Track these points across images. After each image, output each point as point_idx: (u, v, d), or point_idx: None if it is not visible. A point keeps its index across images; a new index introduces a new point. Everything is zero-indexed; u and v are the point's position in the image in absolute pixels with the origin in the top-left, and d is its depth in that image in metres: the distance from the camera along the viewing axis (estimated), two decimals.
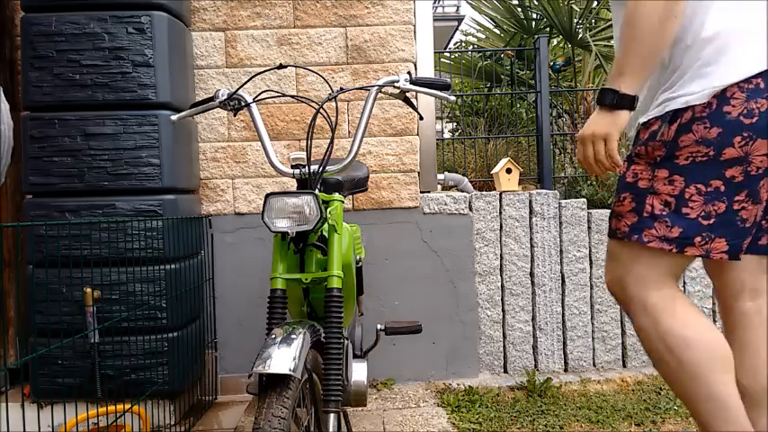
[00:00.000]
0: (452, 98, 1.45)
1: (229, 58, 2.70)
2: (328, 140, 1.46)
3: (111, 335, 2.17)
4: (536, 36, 3.48)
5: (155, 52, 2.29)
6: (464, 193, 2.81)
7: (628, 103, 1.28)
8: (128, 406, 2.04)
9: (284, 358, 1.16)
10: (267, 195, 1.34)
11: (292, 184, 2.74)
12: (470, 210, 2.79)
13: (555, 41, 5.19)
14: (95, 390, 2.16)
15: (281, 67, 1.56)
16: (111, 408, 2.12)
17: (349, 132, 2.74)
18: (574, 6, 4.19)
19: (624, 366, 2.87)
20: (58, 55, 2.27)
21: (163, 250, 2.25)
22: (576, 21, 4.18)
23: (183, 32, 2.54)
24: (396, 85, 1.47)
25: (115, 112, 2.28)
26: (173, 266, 2.30)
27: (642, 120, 1.40)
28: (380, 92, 1.52)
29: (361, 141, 1.48)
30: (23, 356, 2.31)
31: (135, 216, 2.25)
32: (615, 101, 1.28)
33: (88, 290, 2.10)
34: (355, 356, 1.84)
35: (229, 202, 2.72)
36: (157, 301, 2.24)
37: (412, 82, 1.47)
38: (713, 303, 2.91)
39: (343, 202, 1.52)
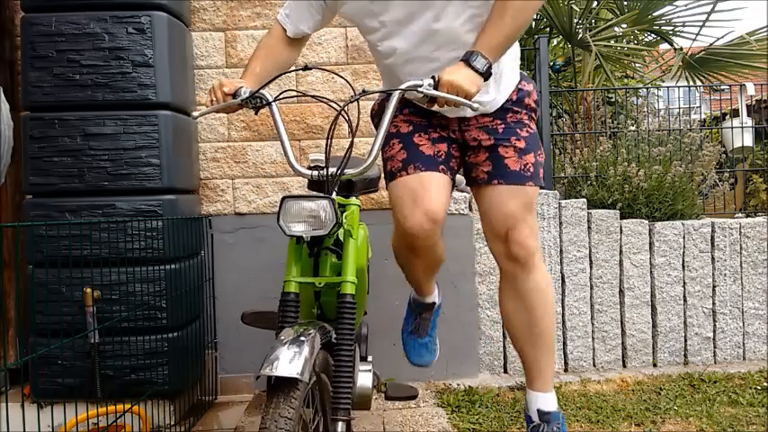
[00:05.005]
0: (476, 105, 1.40)
1: (229, 59, 2.70)
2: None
3: (111, 335, 2.17)
4: (536, 36, 3.48)
5: (155, 52, 2.29)
6: (464, 194, 2.80)
7: (489, 76, 1.48)
8: (128, 406, 2.04)
9: (292, 361, 1.15)
10: (283, 198, 1.32)
11: (295, 186, 2.74)
12: (470, 210, 2.79)
13: (555, 41, 5.18)
14: (95, 390, 2.16)
15: (306, 68, 1.52)
16: (111, 408, 2.12)
17: (349, 133, 2.73)
18: (574, 6, 4.18)
19: (624, 366, 2.87)
20: (58, 55, 2.26)
21: (163, 250, 2.25)
22: (575, 21, 4.17)
23: (183, 32, 2.54)
24: (419, 90, 1.41)
25: (115, 112, 2.28)
26: (173, 266, 2.30)
27: (512, 87, 1.73)
28: (403, 96, 1.46)
29: (381, 145, 1.44)
30: (23, 356, 2.31)
31: (135, 216, 2.25)
32: (485, 70, 1.45)
33: (88, 290, 2.10)
34: (361, 359, 1.84)
35: (229, 203, 2.71)
36: (157, 301, 2.24)
37: (436, 87, 1.40)
38: (713, 304, 2.91)
39: (359, 206, 1.49)
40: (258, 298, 2.66)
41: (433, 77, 1.41)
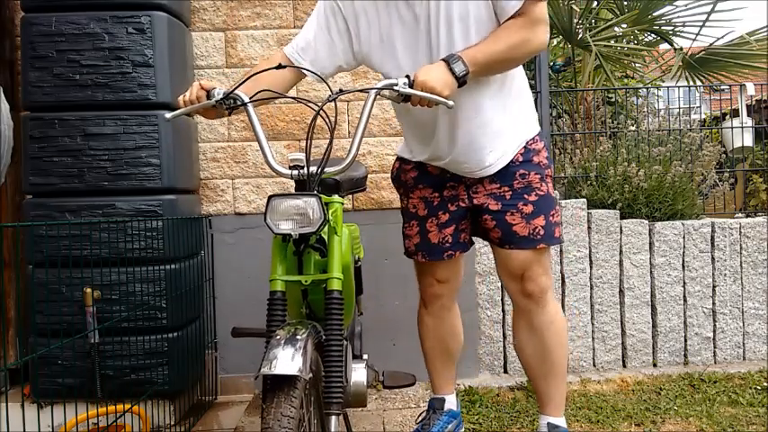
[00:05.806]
0: (451, 103, 1.43)
1: (229, 59, 2.70)
2: (328, 141, 1.44)
3: (111, 335, 2.17)
4: None
5: (155, 52, 2.29)
6: None
7: (465, 83, 1.51)
8: (128, 406, 2.04)
9: (290, 359, 1.16)
10: (270, 197, 1.33)
11: (292, 185, 2.74)
12: None
13: (555, 41, 5.18)
14: (95, 390, 2.16)
15: (279, 67, 1.54)
16: (111, 408, 2.12)
17: (349, 133, 2.73)
18: (574, 6, 4.18)
19: (624, 366, 2.87)
20: (57, 55, 2.26)
21: (163, 250, 2.25)
22: (575, 21, 4.17)
23: (183, 32, 2.54)
24: (394, 88, 1.45)
25: (115, 112, 2.28)
26: (173, 266, 2.30)
27: (519, 145, 1.74)
28: (379, 94, 1.49)
29: (359, 143, 1.46)
30: (23, 356, 2.31)
31: (135, 216, 2.25)
32: (462, 76, 1.49)
33: (88, 290, 2.10)
34: (354, 357, 1.84)
35: (229, 203, 2.71)
36: (157, 301, 2.24)
37: (410, 86, 1.45)
38: (713, 304, 2.91)
39: (342, 203, 1.51)
40: (258, 298, 2.66)
41: (407, 76, 1.47)
